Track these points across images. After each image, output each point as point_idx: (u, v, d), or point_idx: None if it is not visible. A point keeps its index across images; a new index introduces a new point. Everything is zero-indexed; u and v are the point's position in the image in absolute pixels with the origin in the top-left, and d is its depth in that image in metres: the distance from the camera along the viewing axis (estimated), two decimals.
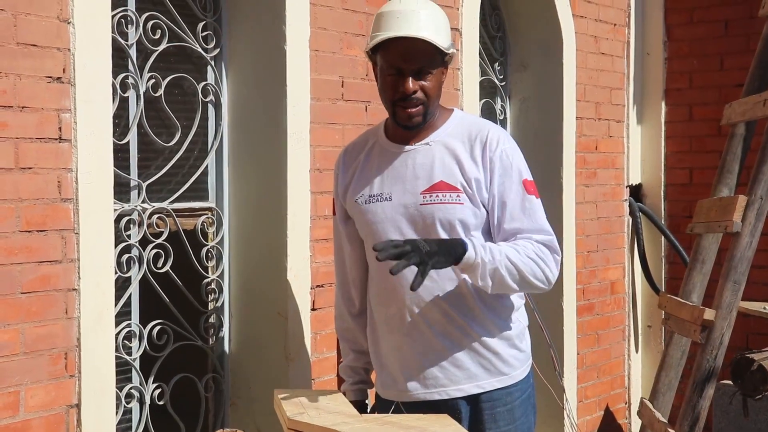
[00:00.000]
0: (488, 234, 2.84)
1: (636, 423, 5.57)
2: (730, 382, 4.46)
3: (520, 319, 2.94)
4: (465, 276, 2.78)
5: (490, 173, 2.79)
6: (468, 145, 2.81)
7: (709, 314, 3.66)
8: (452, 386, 2.84)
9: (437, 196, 2.78)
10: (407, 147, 2.86)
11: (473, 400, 2.86)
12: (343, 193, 2.97)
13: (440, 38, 2.76)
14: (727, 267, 3.73)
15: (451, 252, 2.65)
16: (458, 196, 2.77)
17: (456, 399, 2.85)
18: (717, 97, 5.68)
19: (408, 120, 2.79)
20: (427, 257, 2.57)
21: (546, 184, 5.23)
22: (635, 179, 5.94)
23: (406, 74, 2.75)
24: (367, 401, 3.08)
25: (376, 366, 2.98)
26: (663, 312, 4.23)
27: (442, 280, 2.80)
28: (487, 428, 2.84)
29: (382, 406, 2.95)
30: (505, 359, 2.87)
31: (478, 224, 2.81)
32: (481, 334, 2.83)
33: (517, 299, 2.95)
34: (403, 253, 2.55)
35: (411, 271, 2.63)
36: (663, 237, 5.83)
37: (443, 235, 2.77)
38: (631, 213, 5.83)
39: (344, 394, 3.02)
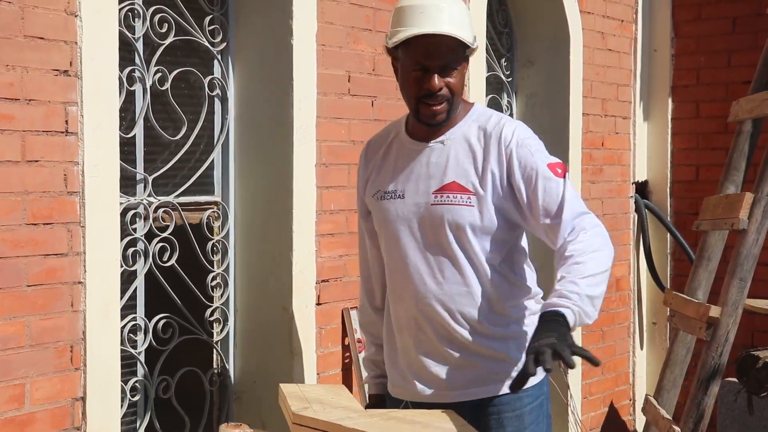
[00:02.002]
0: (499, 240, 2.76)
1: (640, 420, 5.56)
2: (735, 379, 4.46)
3: (535, 322, 2.77)
4: (472, 280, 2.74)
5: (508, 166, 2.71)
6: (483, 140, 2.75)
7: (714, 311, 3.65)
8: (459, 390, 2.77)
9: (447, 197, 2.73)
10: (423, 144, 2.80)
11: (480, 404, 2.78)
12: (363, 188, 2.93)
13: (465, 33, 2.70)
14: (733, 264, 3.72)
15: (557, 326, 2.46)
16: (469, 198, 2.71)
17: (463, 402, 2.77)
18: (724, 94, 5.67)
19: (432, 118, 2.74)
20: (558, 347, 2.39)
21: None
22: (641, 176, 5.92)
23: (431, 71, 2.69)
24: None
25: (387, 363, 2.93)
26: (668, 309, 4.22)
27: (449, 285, 2.75)
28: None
29: (392, 404, 2.91)
30: (515, 364, 2.77)
31: (485, 228, 2.73)
32: (490, 338, 2.76)
33: (533, 304, 2.85)
34: (544, 356, 2.38)
35: (419, 274, 2.73)
36: (669, 234, 5.82)
37: (450, 237, 2.73)
38: (637, 210, 5.82)
39: (366, 386, 2.98)
